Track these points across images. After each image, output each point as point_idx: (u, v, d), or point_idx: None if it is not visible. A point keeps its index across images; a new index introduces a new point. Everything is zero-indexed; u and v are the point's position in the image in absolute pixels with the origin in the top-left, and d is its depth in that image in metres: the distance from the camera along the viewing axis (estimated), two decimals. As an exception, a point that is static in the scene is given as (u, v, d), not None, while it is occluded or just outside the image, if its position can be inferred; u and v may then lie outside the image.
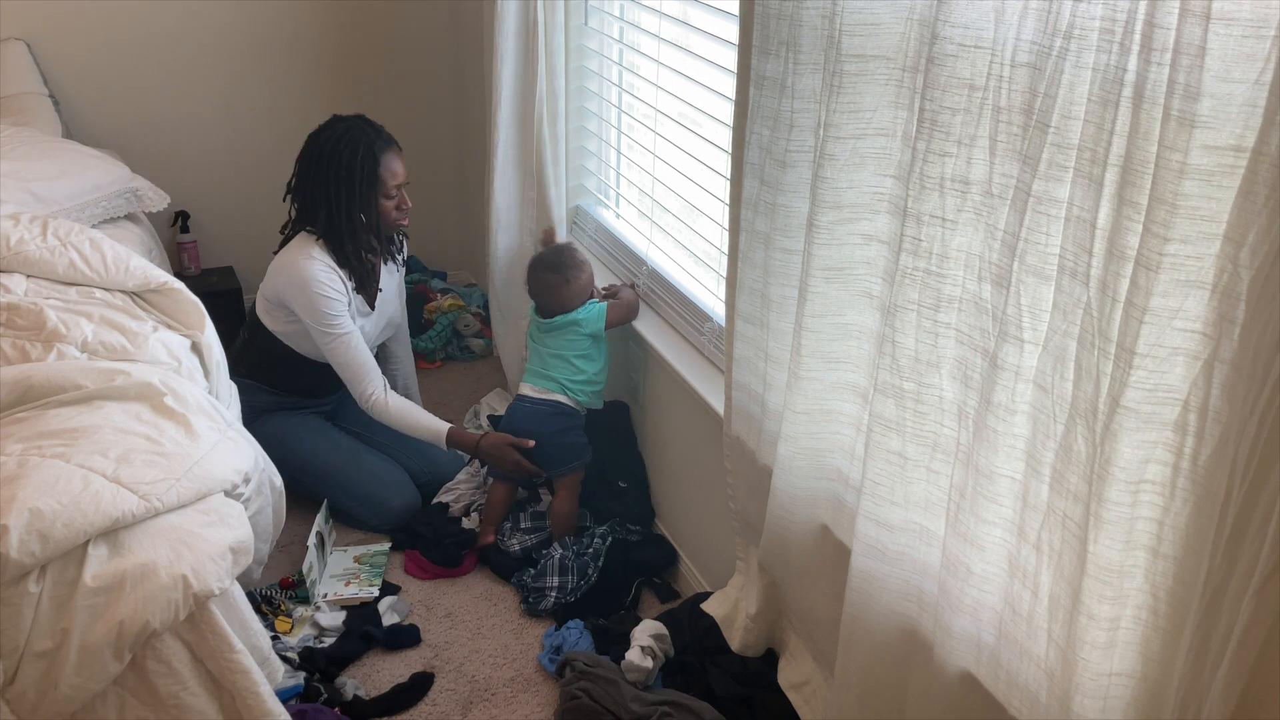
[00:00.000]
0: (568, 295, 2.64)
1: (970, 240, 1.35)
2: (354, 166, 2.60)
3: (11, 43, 3.25)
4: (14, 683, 1.63)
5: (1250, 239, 1.00)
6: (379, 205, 2.66)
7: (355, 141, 2.61)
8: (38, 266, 2.36)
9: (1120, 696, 1.24)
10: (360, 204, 2.63)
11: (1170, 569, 1.16)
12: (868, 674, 1.69)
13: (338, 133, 2.63)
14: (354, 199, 2.62)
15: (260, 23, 3.55)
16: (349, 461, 2.78)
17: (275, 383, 2.79)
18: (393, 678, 2.32)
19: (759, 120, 1.73)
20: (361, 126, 2.65)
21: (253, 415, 2.72)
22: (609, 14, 2.77)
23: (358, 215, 2.64)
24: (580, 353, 2.66)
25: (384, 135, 2.67)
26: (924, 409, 1.47)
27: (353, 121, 2.67)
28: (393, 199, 2.68)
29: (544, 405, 2.67)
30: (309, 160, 2.65)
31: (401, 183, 2.69)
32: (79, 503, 1.69)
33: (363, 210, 2.64)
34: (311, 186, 2.65)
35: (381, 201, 2.66)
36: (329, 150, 2.62)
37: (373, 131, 2.65)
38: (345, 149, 2.61)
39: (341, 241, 2.65)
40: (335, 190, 2.62)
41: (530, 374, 2.73)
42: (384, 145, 2.65)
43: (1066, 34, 1.14)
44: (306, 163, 2.66)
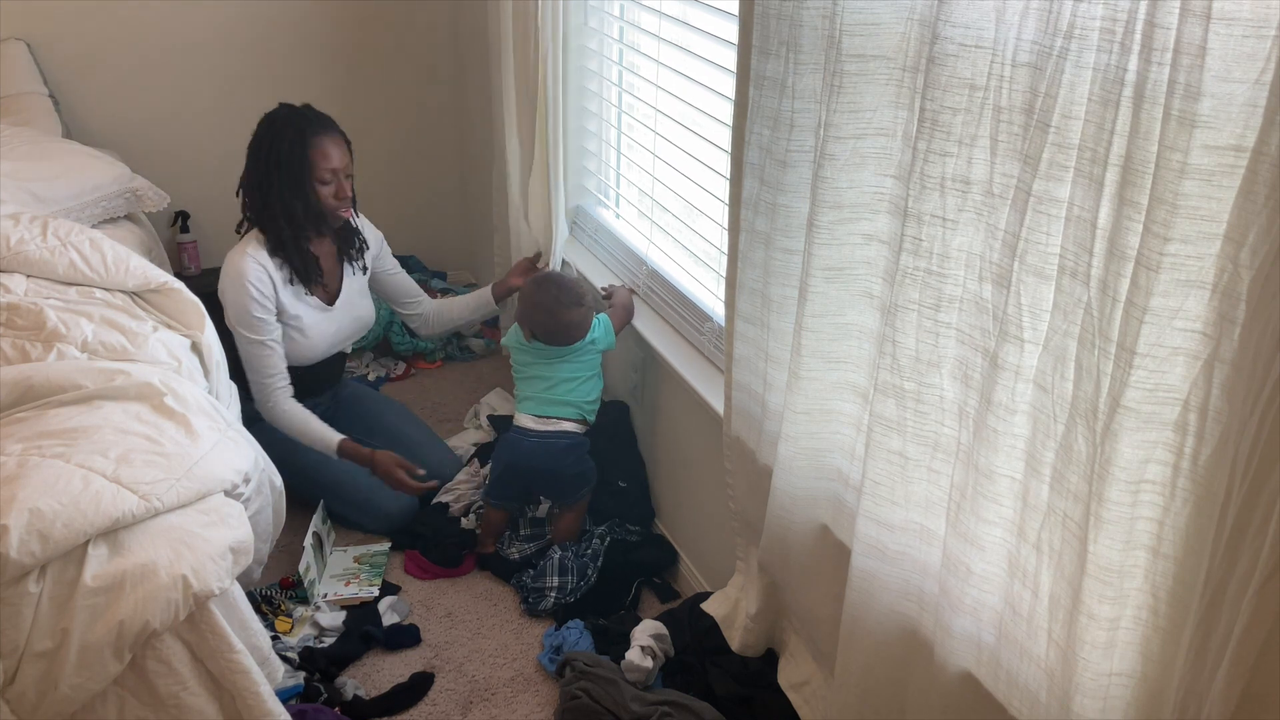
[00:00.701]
0: (580, 321, 2.57)
1: (971, 240, 1.35)
2: (283, 152, 2.57)
3: (11, 43, 3.25)
4: (14, 683, 1.63)
5: (1250, 239, 1.00)
6: (314, 191, 2.61)
7: (285, 128, 2.58)
8: (38, 266, 2.36)
9: (1120, 696, 1.24)
10: (293, 191, 2.60)
11: (1170, 569, 1.16)
12: (868, 674, 1.69)
13: (270, 123, 2.62)
14: (286, 186, 2.59)
15: (261, 22, 3.55)
16: (341, 467, 2.75)
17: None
18: (393, 678, 2.32)
19: (759, 120, 1.73)
20: (296, 113, 2.62)
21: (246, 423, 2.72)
22: (609, 14, 2.77)
23: (294, 203, 2.60)
24: (592, 372, 2.62)
25: (320, 121, 2.63)
26: (924, 409, 1.47)
27: (289, 110, 2.64)
28: (328, 184, 2.62)
29: (553, 440, 2.59)
30: (250, 153, 2.64)
31: (336, 167, 2.62)
32: (79, 503, 1.69)
33: (297, 197, 2.60)
34: (251, 178, 2.63)
35: (316, 187, 2.61)
36: (264, 143, 2.60)
37: (307, 116, 2.62)
38: (277, 137, 2.58)
39: (279, 231, 2.62)
40: (269, 179, 2.60)
41: (531, 402, 2.62)
42: (316, 130, 2.60)
43: (1067, 34, 1.14)
44: (248, 156, 2.64)
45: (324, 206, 2.64)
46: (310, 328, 2.73)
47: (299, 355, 2.74)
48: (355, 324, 2.89)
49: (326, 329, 2.77)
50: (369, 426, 2.92)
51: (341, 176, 2.64)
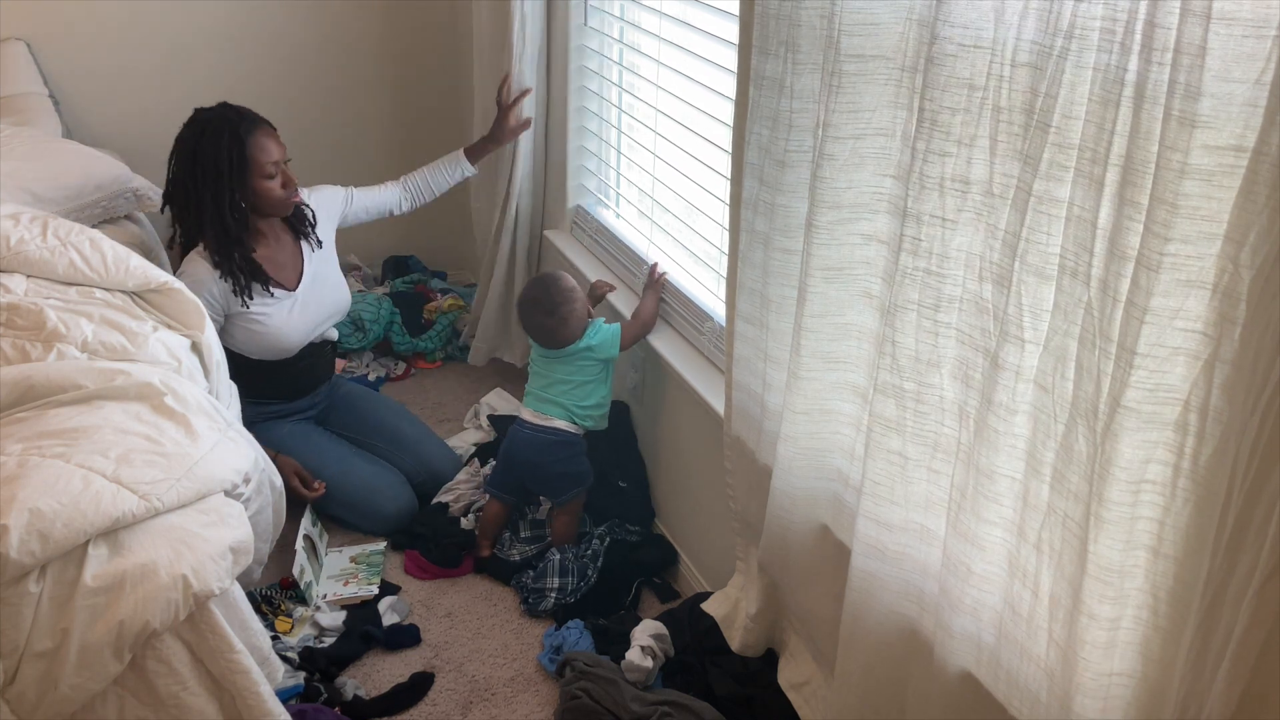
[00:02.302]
0: (568, 331, 2.55)
1: (971, 240, 1.35)
2: (220, 156, 2.50)
3: (11, 43, 3.25)
4: (14, 683, 1.63)
5: (1250, 239, 1.00)
6: (259, 187, 2.56)
7: (218, 130, 2.51)
8: (38, 266, 2.36)
9: (1121, 696, 1.24)
10: (241, 191, 2.54)
11: (1171, 569, 1.16)
12: (868, 674, 1.69)
13: (198, 127, 2.54)
14: (232, 188, 2.53)
15: (261, 23, 3.55)
16: (338, 470, 2.74)
17: (249, 392, 2.73)
18: (393, 678, 2.32)
19: (758, 120, 1.73)
20: (222, 114, 2.55)
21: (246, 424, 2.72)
22: (609, 14, 2.78)
23: (239, 204, 2.54)
24: (589, 378, 2.59)
25: (249, 116, 2.57)
26: (924, 409, 1.47)
27: (213, 111, 2.57)
28: (273, 178, 2.57)
29: (545, 434, 2.60)
30: (175, 163, 2.56)
31: (277, 159, 2.57)
32: (79, 503, 1.69)
33: (247, 197, 2.55)
34: (185, 188, 2.55)
35: (261, 183, 2.56)
36: (191, 148, 2.53)
37: (235, 116, 2.55)
38: (209, 140, 2.51)
39: (224, 240, 2.55)
40: (207, 185, 2.52)
41: (531, 398, 2.65)
42: (249, 126, 2.54)
43: (1067, 34, 1.14)
44: (174, 166, 2.57)
45: (273, 199, 2.60)
46: (278, 317, 2.67)
47: (274, 347, 2.70)
48: (328, 305, 2.80)
49: (296, 315, 2.70)
50: (367, 426, 2.91)
51: (283, 165, 2.60)
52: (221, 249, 2.57)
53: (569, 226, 3.13)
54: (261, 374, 2.72)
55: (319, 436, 2.85)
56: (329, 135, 3.78)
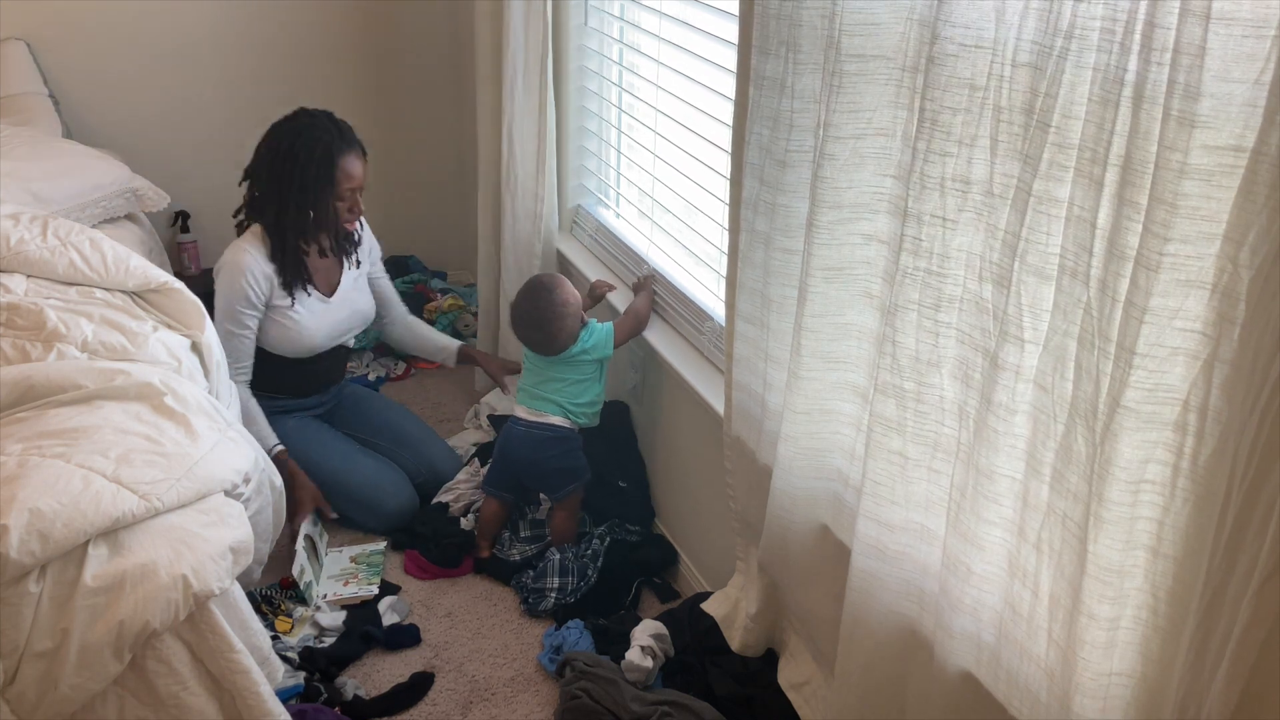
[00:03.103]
0: (558, 344, 2.55)
1: (971, 240, 1.35)
2: (310, 164, 2.58)
3: (11, 43, 3.26)
4: (14, 683, 1.64)
5: (1250, 239, 1.00)
6: (331, 206, 2.64)
7: (315, 139, 2.58)
8: (38, 266, 2.36)
9: (1120, 696, 1.24)
10: (311, 202, 2.61)
11: (1170, 569, 1.17)
12: (868, 674, 1.69)
13: (299, 127, 2.61)
14: (305, 196, 2.60)
15: (261, 23, 3.55)
16: (341, 466, 2.76)
17: (262, 385, 2.77)
18: (393, 678, 2.32)
19: (759, 120, 1.73)
20: (324, 124, 2.62)
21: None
22: (609, 14, 2.78)
23: (307, 212, 2.62)
24: (583, 377, 2.60)
25: (347, 136, 2.64)
26: (924, 409, 1.47)
27: (317, 117, 2.63)
28: (345, 201, 2.65)
29: (539, 430, 2.60)
30: (268, 150, 2.63)
31: (357, 186, 2.66)
32: (79, 503, 1.69)
33: (313, 208, 2.62)
34: (266, 176, 2.63)
35: (334, 203, 2.64)
36: (287, 144, 2.59)
37: (335, 130, 2.62)
38: (304, 145, 2.58)
39: (284, 235, 2.63)
40: (288, 185, 2.60)
41: (525, 394, 2.65)
42: (344, 146, 2.61)
43: (1067, 34, 1.14)
44: (265, 152, 2.64)
45: (337, 219, 2.67)
46: (309, 319, 2.73)
47: (299, 346, 2.75)
48: (355, 316, 2.89)
49: (325, 320, 2.77)
50: (371, 426, 2.91)
51: (358, 193, 2.67)
52: (280, 240, 2.64)
53: (569, 226, 3.13)
54: (278, 369, 2.77)
55: (324, 432, 2.86)
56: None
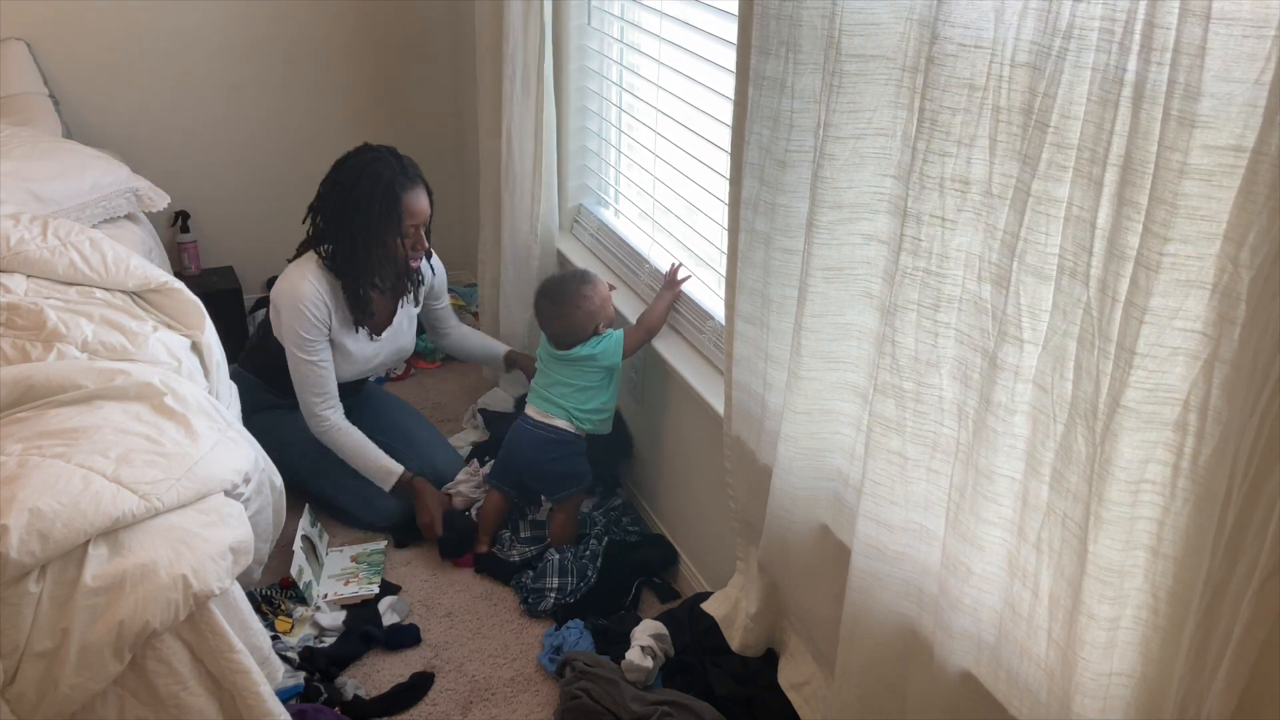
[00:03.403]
0: (566, 327, 2.56)
1: (970, 240, 1.35)
2: (372, 201, 2.53)
3: (11, 43, 3.25)
4: (14, 683, 1.63)
5: (1250, 239, 1.00)
6: (394, 243, 2.60)
7: (378, 175, 2.54)
8: (38, 266, 2.36)
9: (1120, 696, 1.24)
10: (373, 239, 2.57)
11: (1170, 569, 1.16)
12: (868, 674, 1.69)
13: (362, 162, 2.57)
14: (367, 233, 2.56)
15: (261, 23, 3.55)
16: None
17: (279, 386, 2.78)
18: (393, 678, 2.32)
19: (759, 120, 1.73)
20: (387, 160, 2.58)
21: (253, 409, 2.73)
22: (610, 14, 2.78)
23: (367, 249, 2.58)
24: (590, 383, 2.60)
25: (409, 172, 2.59)
26: (924, 409, 1.47)
27: (380, 153, 2.60)
28: (409, 238, 2.61)
29: (543, 431, 2.62)
30: (331, 185, 2.60)
31: (420, 223, 2.61)
32: (79, 503, 1.69)
33: (374, 245, 2.58)
34: (328, 212, 2.60)
35: (396, 240, 2.59)
36: (350, 179, 2.56)
37: (398, 166, 2.58)
38: (366, 181, 2.54)
39: (346, 271, 2.61)
40: (349, 220, 2.56)
41: (536, 395, 2.67)
42: (407, 183, 2.57)
43: (1066, 34, 1.14)
44: (328, 187, 2.60)
45: (397, 257, 2.63)
46: (350, 354, 2.73)
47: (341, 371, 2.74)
48: (394, 354, 2.89)
49: (365, 355, 2.76)
50: (380, 423, 2.91)
51: (422, 229, 2.63)
52: (343, 277, 2.62)
53: (570, 226, 3.13)
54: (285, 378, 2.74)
55: None
56: (329, 134, 3.78)
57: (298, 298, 2.58)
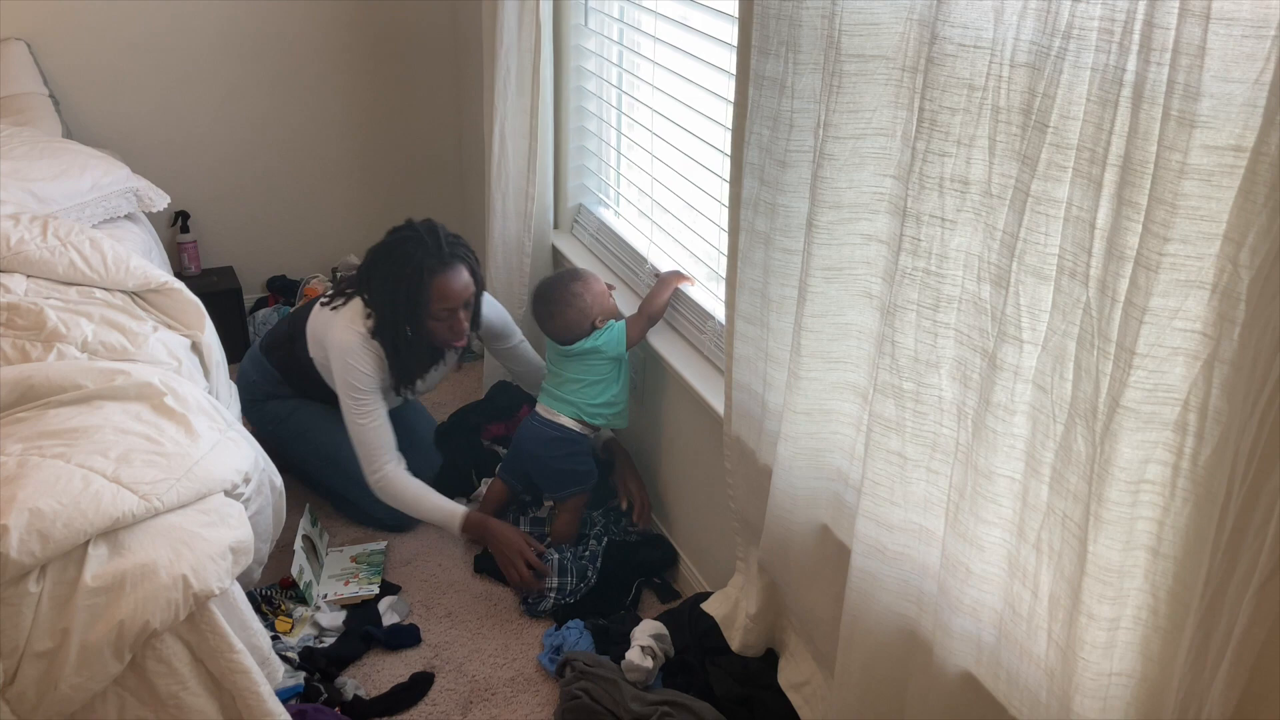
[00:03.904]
0: (562, 326, 2.57)
1: (969, 240, 1.35)
2: (400, 283, 2.46)
3: (11, 43, 3.26)
4: (14, 683, 1.64)
5: (1250, 239, 1.00)
6: (426, 326, 2.52)
7: (408, 257, 2.46)
8: (38, 266, 2.36)
9: (1120, 696, 1.24)
10: (406, 321, 2.51)
11: (1170, 569, 1.17)
12: (868, 674, 1.69)
13: (396, 240, 2.52)
14: (399, 313, 2.50)
15: (261, 23, 3.55)
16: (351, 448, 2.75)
17: (301, 388, 2.77)
18: (393, 678, 2.32)
19: (758, 120, 1.73)
20: (420, 240, 2.48)
21: (268, 397, 2.74)
22: (608, 15, 2.78)
23: (403, 327, 2.52)
24: (599, 377, 2.60)
25: (444, 253, 2.48)
26: (923, 409, 1.47)
27: (416, 232, 2.51)
28: (441, 321, 2.52)
29: (549, 429, 2.63)
30: (369, 262, 2.55)
31: (454, 306, 2.50)
32: (79, 503, 1.69)
33: (409, 326, 2.52)
34: (369, 285, 2.54)
35: (429, 322, 2.52)
36: (384, 255, 2.51)
37: (432, 246, 2.47)
38: (397, 262, 2.47)
39: (386, 340, 2.55)
40: (384, 298, 2.50)
41: (545, 395, 2.68)
42: (438, 266, 2.46)
43: (1066, 34, 1.14)
44: (368, 262, 2.55)
45: (434, 337, 2.57)
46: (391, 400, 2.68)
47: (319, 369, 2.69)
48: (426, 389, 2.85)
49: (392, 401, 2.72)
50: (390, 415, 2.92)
51: (460, 309, 2.52)
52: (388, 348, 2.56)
53: (569, 226, 3.13)
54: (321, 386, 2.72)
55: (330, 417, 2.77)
56: (329, 134, 3.79)
57: (349, 352, 2.52)
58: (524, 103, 2.84)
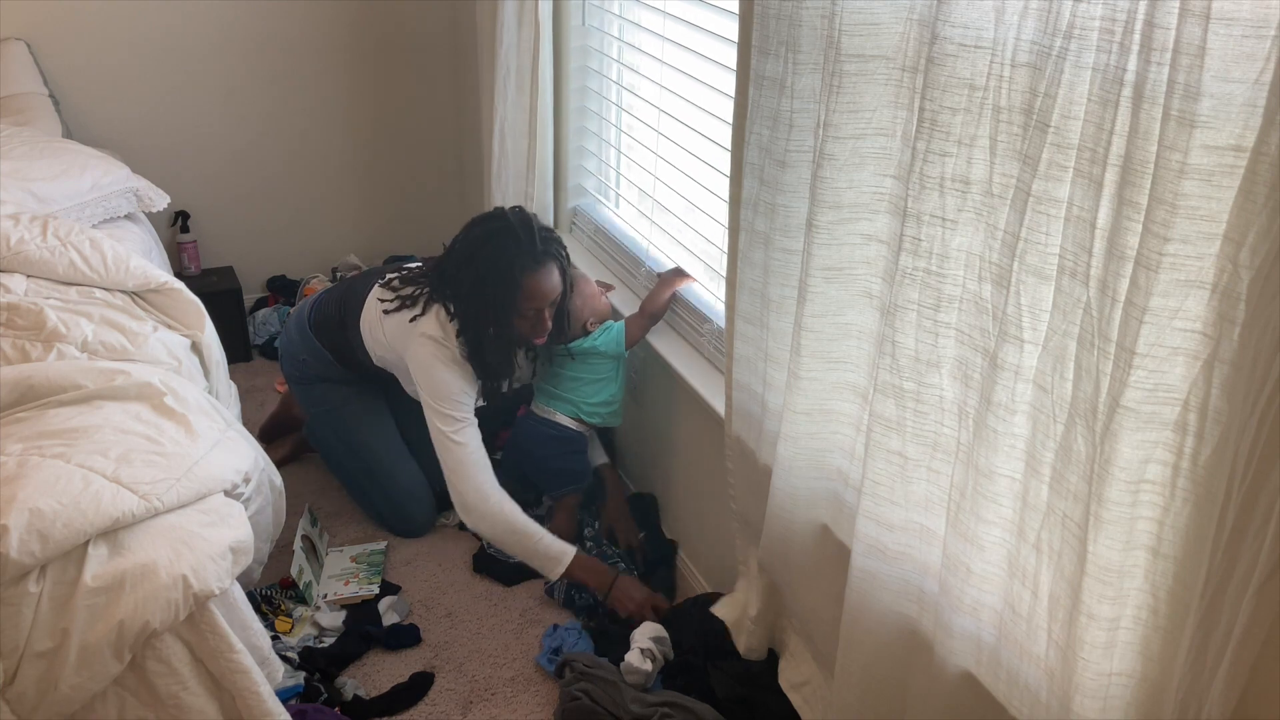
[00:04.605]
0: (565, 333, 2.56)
1: (970, 240, 1.35)
2: (489, 279, 2.37)
3: (11, 43, 3.26)
4: (14, 683, 1.63)
5: (1250, 239, 1.00)
6: (513, 324, 2.42)
7: (500, 252, 2.36)
8: (38, 266, 2.36)
9: (1120, 696, 1.24)
10: (493, 319, 2.40)
11: (1170, 569, 1.17)
12: (868, 674, 1.69)
13: (488, 232, 2.41)
14: (485, 310, 2.39)
15: (261, 22, 3.55)
16: (388, 462, 2.73)
17: (346, 364, 2.72)
18: (393, 678, 2.32)
19: (758, 120, 1.73)
20: (514, 233, 2.37)
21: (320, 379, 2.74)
22: (610, 13, 2.78)
23: (487, 326, 2.42)
24: (598, 376, 2.60)
25: (536, 250, 2.37)
26: (924, 409, 1.47)
27: (509, 224, 2.40)
28: (528, 319, 2.42)
29: (545, 427, 2.63)
30: (457, 252, 2.44)
31: (541, 305, 2.40)
32: (79, 503, 1.69)
33: (495, 325, 2.41)
34: (452, 279, 2.44)
35: (516, 320, 2.42)
36: (472, 250, 2.40)
37: (524, 242, 2.36)
38: (488, 257, 2.37)
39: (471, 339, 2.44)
40: (469, 293, 2.40)
41: (542, 393, 2.68)
42: (530, 264, 2.36)
43: (1066, 34, 1.14)
44: (454, 253, 2.46)
45: (520, 335, 2.47)
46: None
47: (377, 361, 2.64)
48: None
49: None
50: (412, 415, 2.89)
51: (546, 309, 2.42)
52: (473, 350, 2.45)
53: (569, 226, 3.13)
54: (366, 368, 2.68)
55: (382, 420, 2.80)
56: (329, 134, 3.79)
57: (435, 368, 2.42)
58: (523, 102, 2.84)
